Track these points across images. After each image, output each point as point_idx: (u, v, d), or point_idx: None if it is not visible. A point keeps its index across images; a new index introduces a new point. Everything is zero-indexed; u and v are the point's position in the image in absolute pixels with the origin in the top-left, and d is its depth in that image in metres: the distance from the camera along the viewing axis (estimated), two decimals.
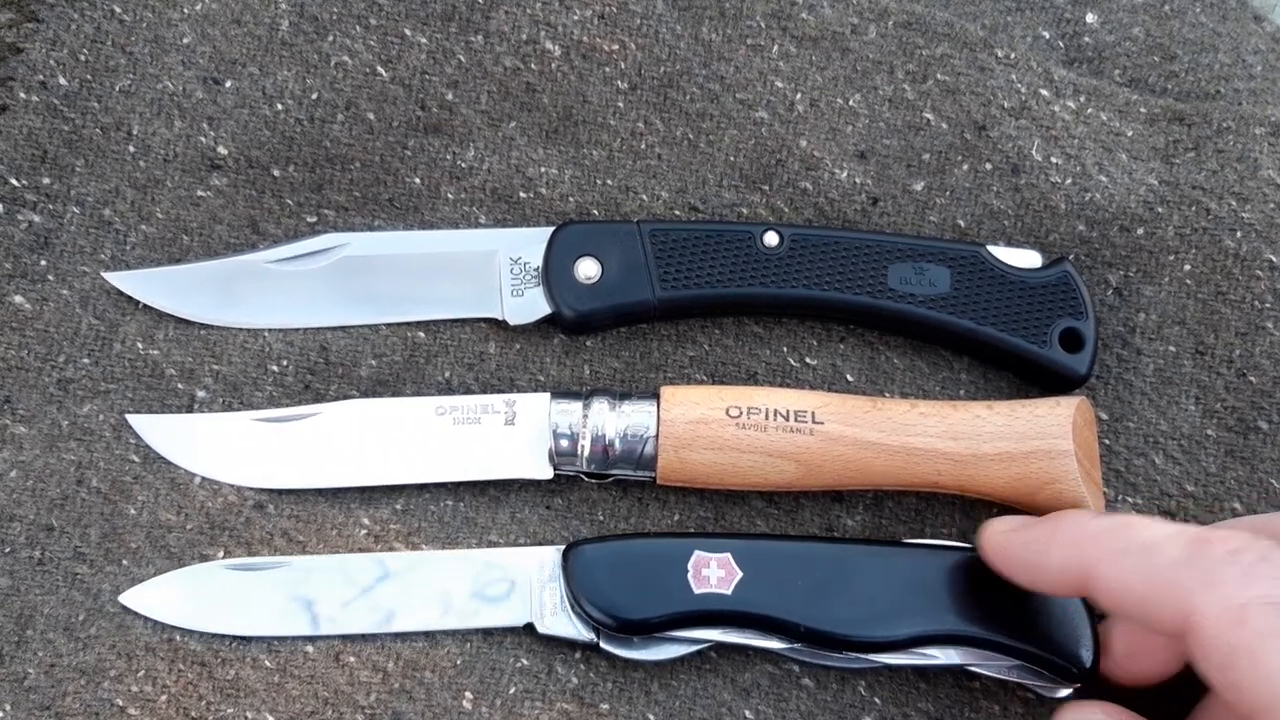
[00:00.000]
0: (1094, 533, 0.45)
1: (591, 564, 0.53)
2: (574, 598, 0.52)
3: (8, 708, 0.52)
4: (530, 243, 0.59)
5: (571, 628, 0.53)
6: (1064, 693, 0.54)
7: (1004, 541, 0.50)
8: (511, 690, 0.53)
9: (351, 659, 0.53)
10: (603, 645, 0.53)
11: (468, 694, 0.53)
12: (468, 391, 0.59)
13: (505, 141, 0.61)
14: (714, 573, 0.52)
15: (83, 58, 0.60)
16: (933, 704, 0.55)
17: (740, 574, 0.52)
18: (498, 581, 0.54)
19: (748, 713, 0.54)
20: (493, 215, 0.61)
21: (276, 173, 0.60)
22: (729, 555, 0.53)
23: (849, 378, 0.60)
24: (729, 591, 0.52)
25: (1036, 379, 0.59)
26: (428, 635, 0.54)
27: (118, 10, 0.61)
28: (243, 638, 0.53)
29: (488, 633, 0.54)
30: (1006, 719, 0.55)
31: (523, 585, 0.54)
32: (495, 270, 0.59)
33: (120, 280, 0.58)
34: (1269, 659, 0.38)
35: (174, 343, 0.58)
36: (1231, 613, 0.39)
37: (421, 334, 0.59)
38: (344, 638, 0.54)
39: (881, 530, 0.58)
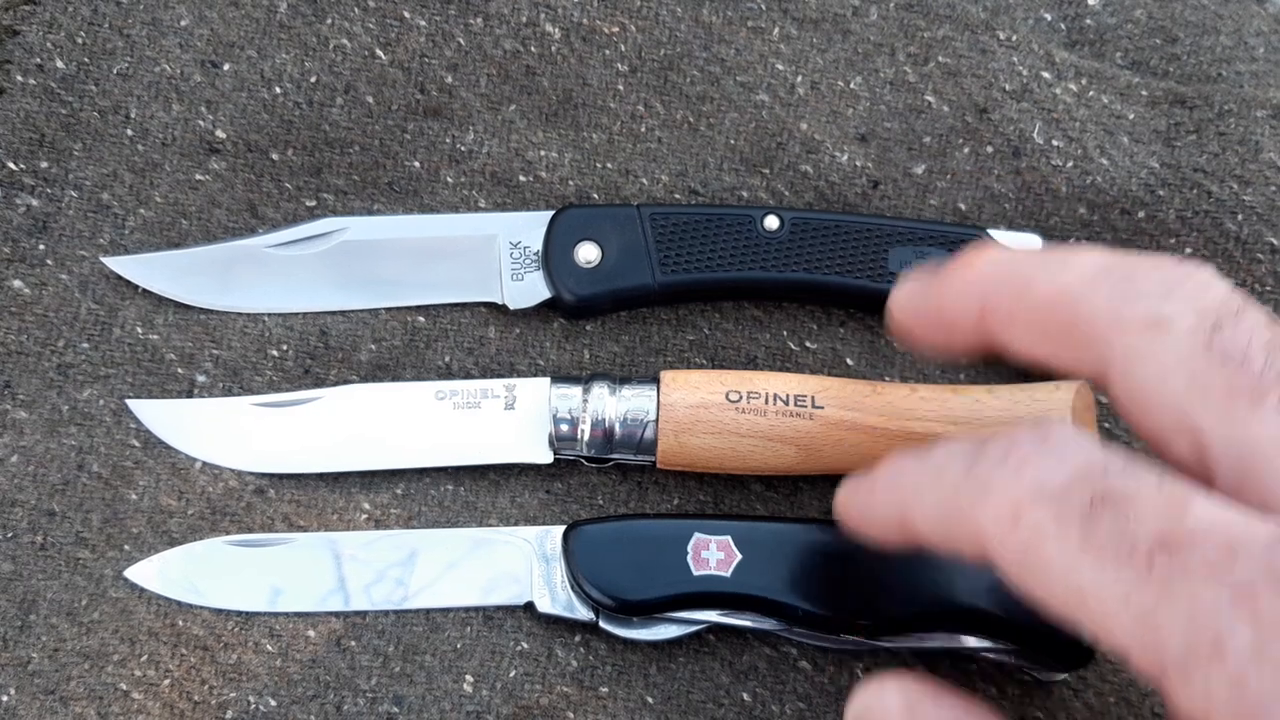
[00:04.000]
0: (903, 472, 0.40)
1: (592, 544, 0.53)
2: (574, 577, 0.53)
3: (12, 692, 0.52)
4: (530, 226, 0.59)
5: (571, 607, 0.54)
6: (1061, 675, 0.55)
7: (842, 509, 0.43)
8: (512, 673, 0.54)
9: (352, 643, 0.54)
10: (602, 624, 0.53)
11: (468, 677, 0.54)
12: (467, 376, 0.59)
13: (505, 125, 0.61)
14: (713, 555, 0.53)
15: (80, 40, 0.60)
16: None
17: (740, 556, 0.53)
18: (498, 558, 0.55)
19: (745, 695, 0.55)
20: (492, 199, 0.61)
21: (275, 156, 0.60)
22: (729, 538, 0.53)
23: (849, 362, 0.60)
24: (728, 574, 0.52)
25: None
26: (428, 619, 0.54)
27: None
28: (244, 621, 0.54)
29: (488, 616, 0.55)
30: (1003, 701, 0.55)
31: (524, 564, 0.55)
32: (495, 254, 0.59)
33: (119, 265, 0.58)
34: (1048, 553, 0.32)
35: (173, 327, 0.58)
36: (1006, 516, 0.33)
37: (421, 318, 0.59)
38: (345, 620, 0.54)
39: None
